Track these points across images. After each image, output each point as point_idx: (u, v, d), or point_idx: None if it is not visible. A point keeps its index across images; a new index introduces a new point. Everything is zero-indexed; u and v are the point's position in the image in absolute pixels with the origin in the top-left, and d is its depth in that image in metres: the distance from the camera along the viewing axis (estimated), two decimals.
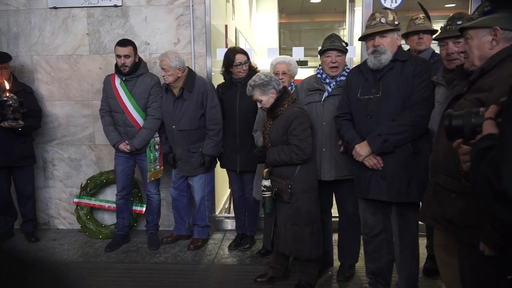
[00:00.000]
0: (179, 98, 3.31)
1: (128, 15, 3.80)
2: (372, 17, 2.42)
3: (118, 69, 3.39)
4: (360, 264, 2.95)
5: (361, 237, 2.76)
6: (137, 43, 3.76)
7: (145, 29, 3.80)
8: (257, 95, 2.62)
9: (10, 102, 3.36)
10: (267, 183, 2.60)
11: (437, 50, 3.05)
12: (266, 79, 2.59)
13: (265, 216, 2.84)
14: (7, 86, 3.42)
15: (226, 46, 4.37)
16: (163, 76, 3.26)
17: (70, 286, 0.53)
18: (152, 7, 3.77)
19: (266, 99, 2.61)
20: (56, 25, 3.86)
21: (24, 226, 3.77)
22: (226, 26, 4.61)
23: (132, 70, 3.37)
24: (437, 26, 3.64)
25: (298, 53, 3.83)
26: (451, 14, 2.42)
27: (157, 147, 3.53)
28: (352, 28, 4.58)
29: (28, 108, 3.52)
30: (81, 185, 3.90)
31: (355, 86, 2.48)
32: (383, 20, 2.35)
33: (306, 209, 2.58)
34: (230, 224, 3.94)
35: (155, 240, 3.57)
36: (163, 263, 3.25)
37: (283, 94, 2.62)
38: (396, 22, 2.38)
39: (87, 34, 3.86)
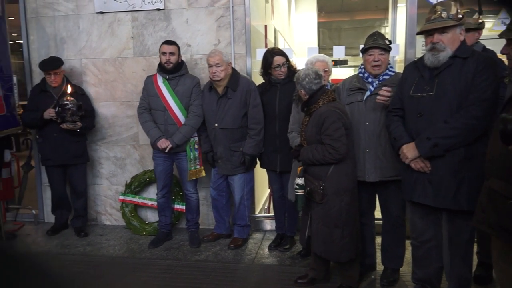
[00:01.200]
0: (223, 97, 3.36)
1: (170, 18, 3.89)
2: (433, 9, 2.26)
3: (161, 68, 3.48)
4: (405, 269, 2.87)
5: (408, 241, 2.68)
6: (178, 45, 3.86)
7: (187, 31, 3.88)
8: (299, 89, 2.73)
9: (70, 105, 3.54)
10: (300, 181, 2.60)
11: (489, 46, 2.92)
12: (299, 79, 2.64)
13: (302, 214, 2.84)
14: (69, 90, 3.60)
15: (266, 47, 4.38)
16: (215, 72, 3.28)
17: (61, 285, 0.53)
18: (193, 9, 3.84)
19: (299, 93, 2.72)
20: (103, 29, 4.02)
21: (74, 221, 3.96)
22: (265, 26, 4.62)
23: (175, 69, 3.46)
24: (487, 21, 3.48)
25: (339, 52, 3.77)
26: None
27: (196, 146, 3.58)
28: (395, 26, 4.46)
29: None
30: (126, 183, 4.04)
31: (409, 82, 2.38)
32: (444, 15, 2.20)
33: (336, 211, 2.54)
34: (269, 224, 3.94)
35: (196, 239, 3.63)
36: (204, 261, 3.31)
37: (318, 91, 2.60)
38: (459, 16, 2.21)
39: (132, 37, 3.98)
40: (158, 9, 3.87)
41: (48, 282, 0.52)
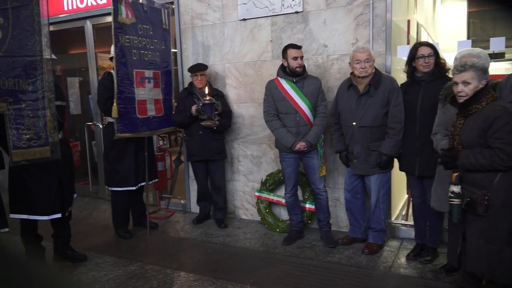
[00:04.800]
0: (364, 95, 3.28)
1: (308, 20, 3.93)
2: None
3: (287, 72, 3.55)
4: None
5: None
6: (315, 46, 3.90)
7: (324, 31, 3.88)
8: (468, 76, 2.32)
9: (202, 104, 3.89)
10: (456, 189, 2.32)
11: None
12: (486, 66, 2.32)
13: (451, 227, 2.55)
14: (207, 90, 3.96)
15: (408, 43, 4.12)
16: (363, 68, 3.22)
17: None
18: (331, 9, 3.82)
19: (473, 86, 2.33)
20: (245, 35, 4.28)
21: (216, 213, 4.32)
22: (408, 21, 4.34)
23: (302, 72, 3.53)
24: None
25: (498, 44, 3.31)
26: None
27: (322, 143, 3.62)
28: None
29: (221, 109, 4.01)
30: (262, 180, 4.23)
31: None
32: None
33: (505, 227, 2.21)
34: (407, 232, 3.69)
35: (331, 238, 3.62)
36: (337, 263, 3.26)
37: (483, 89, 2.31)
38: None
39: (271, 41, 4.15)
40: (297, 12, 3.95)
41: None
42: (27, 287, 0.48)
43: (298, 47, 3.55)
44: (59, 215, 3.21)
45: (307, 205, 3.96)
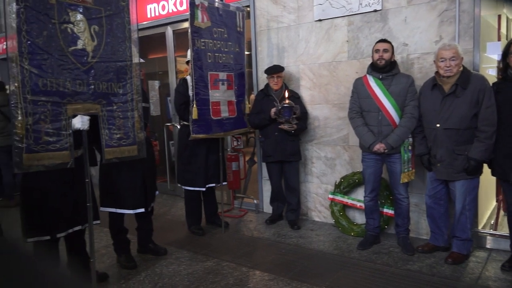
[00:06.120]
0: (450, 95, 3.10)
1: (387, 18, 3.80)
2: None
3: (373, 67, 3.46)
4: None
5: None
6: (395, 45, 3.74)
7: (404, 30, 3.73)
8: None
9: (282, 107, 3.93)
10: None
11: None
12: None
13: None
14: (287, 94, 3.99)
15: (499, 39, 3.83)
16: (448, 67, 3.06)
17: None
18: (413, 6, 3.66)
19: None
20: (320, 35, 4.25)
21: (289, 214, 4.33)
22: (499, 16, 4.02)
23: (389, 68, 3.39)
24: None
25: None
26: None
27: (410, 148, 3.42)
28: None
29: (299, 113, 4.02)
30: (335, 182, 4.17)
31: None
32: None
33: None
34: (497, 243, 3.42)
35: (409, 245, 3.47)
36: (417, 272, 3.11)
37: None
38: None
39: (347, 41, 4.08)
40: (375, 11, 3.84)
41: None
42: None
43: (384, 41, 3.46)
44: (143, 210, 3.42)
45: (384, 210, 3.82)
